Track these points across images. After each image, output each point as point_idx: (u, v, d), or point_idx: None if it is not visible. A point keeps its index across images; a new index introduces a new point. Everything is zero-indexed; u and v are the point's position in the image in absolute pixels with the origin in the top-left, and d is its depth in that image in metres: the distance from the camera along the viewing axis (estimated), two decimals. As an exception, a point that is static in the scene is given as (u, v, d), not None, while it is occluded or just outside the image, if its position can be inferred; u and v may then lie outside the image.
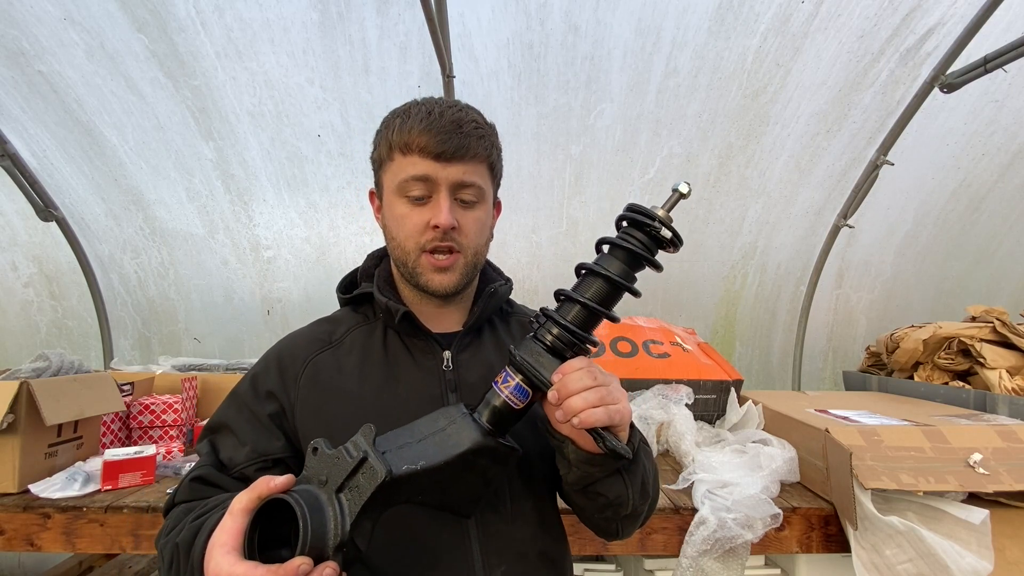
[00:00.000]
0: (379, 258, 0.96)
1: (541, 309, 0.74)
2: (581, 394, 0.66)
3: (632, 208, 0.70)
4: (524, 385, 0.69)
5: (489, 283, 0.94)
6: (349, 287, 0.96)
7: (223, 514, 0.60)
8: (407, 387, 0.83)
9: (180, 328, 2.65)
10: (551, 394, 0.67)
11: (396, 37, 1.96)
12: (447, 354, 0.86)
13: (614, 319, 0.72)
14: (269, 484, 0.59)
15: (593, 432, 0.67)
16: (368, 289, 0.90)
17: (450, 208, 0.80)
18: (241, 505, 0.58)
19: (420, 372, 0.85)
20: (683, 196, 0.70)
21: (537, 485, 0.85)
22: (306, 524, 0.56)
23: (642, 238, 0.69)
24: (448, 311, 0.91)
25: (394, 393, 0.83)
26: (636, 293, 0.71)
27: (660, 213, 0.69)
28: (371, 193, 0.93)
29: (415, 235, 0.81)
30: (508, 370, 0.71)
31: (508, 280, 0.98)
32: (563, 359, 0.70)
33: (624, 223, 0.71)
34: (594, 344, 0.72)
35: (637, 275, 0.71)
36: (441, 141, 0.78)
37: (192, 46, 1.96)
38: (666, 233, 0.68)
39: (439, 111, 0.80)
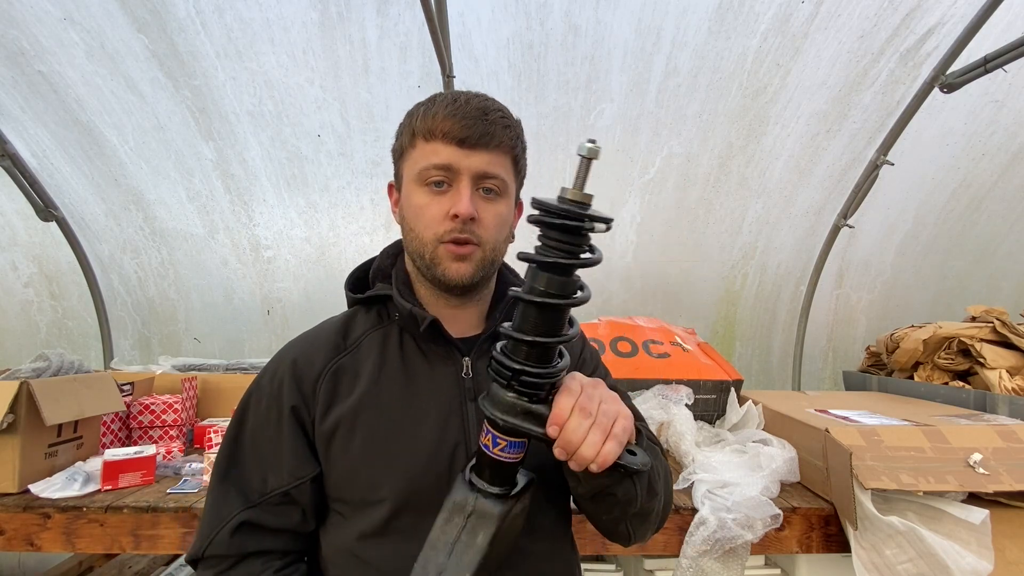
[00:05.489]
0: (394, 256, 0.92)
1: (493, 356, 0.66)
2: (586, 440, 0.62)
3: (537, 205, 0.59)
4: (517, 440, 0.65)
5: (508, 287, 0.90)
6: (358, 284, 0.92)
7: None
8: (426, 396, 0.81)
9: (180, 328, 2.65)
10: (557, 451, 0.64)
11: (396, 37, 1.96)
12: (466, 361, 0.84)
13: (572, 338, 0.64)
14: None
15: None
16: (386, 291, 0.86)
17: (471, 197, 0.77)
18: None
19: (439, 380, 0.82)
20: (589, 161, 0.57)
21: (555, 496, 0.83)
22: None
23: (562, 239, 0.58)
24: (464, 313, 0.87)
25: (413, 402, 0.80)
26: (580, 302, 0.62)
27: (571, 194, 0.58)
28: (390, 186, 0.90)
29: (433, 225, 0.78)
30: (494, 432, 0.65)
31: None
32: (541, 400, 0.64)
33: (539, 231, 0.61)
34: (564, 368, 0.66)
35: (581, 273, 0.63)
36: (466, 126, 0.76)
37: (192, 46, 1.96)
38: (578, 222, 0.56)
39: (465, 99, 0.79)
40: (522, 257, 0.62)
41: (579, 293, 0.62)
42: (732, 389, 1.90)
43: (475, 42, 1.99)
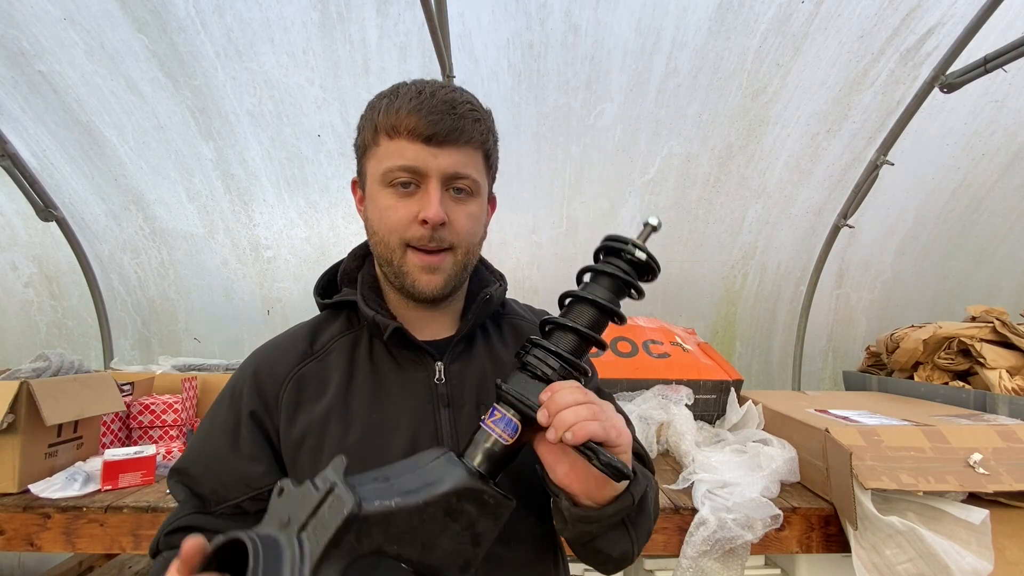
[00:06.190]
0: (362, 257, 0.88)
1: (528, 339, 0.69)
2: (572, 408, 0.60)
3: (613, 238, 0.70)
4: (512, 417, 0.64)
5: (482, 284, 0.87)
6: (327, 287, 0.88)
7: None
8: (396, 404, 0.76)
9: (180, 328, 2.65)
10: (541, 414, 0.61)
11: (396, 37, 1.96)
12: (439, 366, 0.79)
13: (603, 345, 0.70)
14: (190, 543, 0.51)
15: (585, 449, 0.60)
16: (351, 297, 0.81)
17: (440, 200, 0.72)
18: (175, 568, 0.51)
19: (410, 386, 0.78)
20: (654, 229, 0.70)
21: (536, 502, 0.76)
22: (256, 566, 0.47)
23: (624, 266, 0.69)
24: (437, 315, 0.84)
25: (382, 411, 0.76)
26: (622, 319, 0.70)
27: (633, 238, 0.70)
28: (353, 183, 0.84)
29: (399, 229, 0.73)
30: (495, 405, 0.65)
31: (502, 280, 0.91)
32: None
33: (603, 254, 0.71)
34: (585, 373, 0.67)
35: (620, 303, 0.71)
36: (432, 122, 0.70)
37: (192, 46, 1.96)
38: (640, 255, 0.68)
39: (430, 90, 0.73)
40: (583, 269, 0.71)
41: (620, 310, 0.71)
42: (732, 389, 1.90)
43: (475, 42, 1.99)
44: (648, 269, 0.70)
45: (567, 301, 0.70)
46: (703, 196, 2.45)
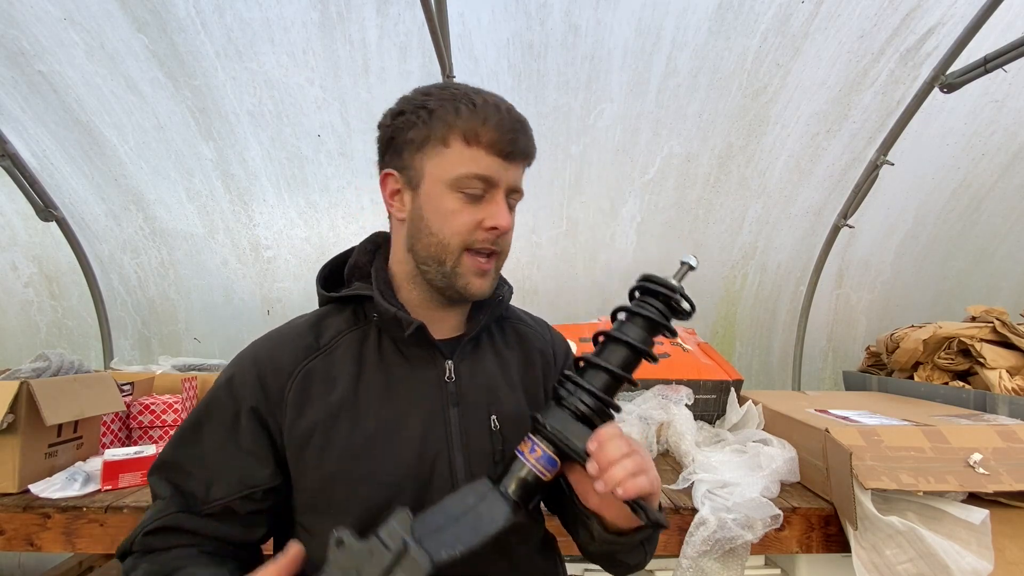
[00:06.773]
0: (372, 252, 0.86)
1: (563, 374, 0.72)
2: (621, 463, 0.63)
3: (649, 279, 0.73)
4: (553, 455, 0.67)
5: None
6: (331, 279, 0.86)
7: None
8: (407, 402, 0.77)
9: (180, 328, 2.65)
10: (591, 465, 0.64)
11: (396, 37, 1.96)
12: (449, 364, 0.80)
13: (634, 384, 0.73)
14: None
15: (633, 503, 0.65)
16: (366, 292, 0.80)
17: (508, 210, 0.77)
18: None
19: (420, 384, 0.78)
20: (691, 269, 0.74)
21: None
22: None
23: (659, 306, 0.71)
24: (448, 314, 0.84)
25: (393, 409, 0.76)
26: (654, 359, 0.72)
27: (676, 284, 0.72)
28: (385, 175, 0.80)
29: (464, 233, 0.75)
30: (534, 439, 0.68)
31: (508, 284, 0.93)
32: (591, 426, 0.68)
33: (638, 293, 0.73)
34: (617, 410, 0.71)
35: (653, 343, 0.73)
36: (511, 140, 0.75)
37: (192, 46, 1.96)
38: (685, 305, 0.72)
39: (505, 107, 0.77)
40: (619, 308, 0.74)
41: (652, 351, 0.74)
42: (732, 389, 1.90)
43: (475, 42, 1.99)
44: (686, 313, 0.73)
45: (601, 339, 0.74)
46: (703, 196, 2.45)
